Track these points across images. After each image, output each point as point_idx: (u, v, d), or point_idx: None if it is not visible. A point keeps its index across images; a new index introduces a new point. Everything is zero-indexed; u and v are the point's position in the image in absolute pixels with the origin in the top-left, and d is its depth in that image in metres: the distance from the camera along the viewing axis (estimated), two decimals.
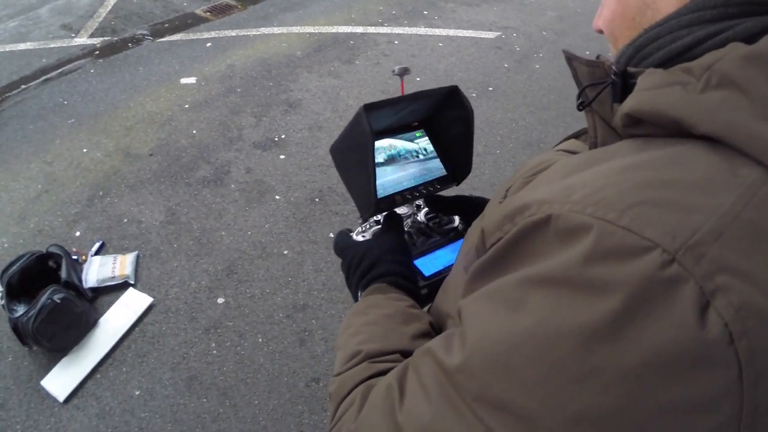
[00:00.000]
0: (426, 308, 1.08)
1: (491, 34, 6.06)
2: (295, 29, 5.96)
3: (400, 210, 1.27)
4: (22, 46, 5.66)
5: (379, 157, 1.19)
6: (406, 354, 0.83)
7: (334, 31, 5.98)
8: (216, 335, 2.97)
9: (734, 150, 0.52)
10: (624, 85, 0.67)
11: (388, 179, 1.18)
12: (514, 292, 0.56)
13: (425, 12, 6.50)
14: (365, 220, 1.22)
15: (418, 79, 5.15)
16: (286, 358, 2.88)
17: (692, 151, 0.54)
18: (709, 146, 0.53)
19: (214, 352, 2.90)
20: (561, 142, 1.00)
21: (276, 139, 4.34)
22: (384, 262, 1.05)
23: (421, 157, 1.25)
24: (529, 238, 0.57)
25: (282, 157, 4.16)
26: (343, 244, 1.14)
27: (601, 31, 0.78)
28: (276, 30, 5.94)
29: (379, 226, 1.20)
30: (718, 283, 0.46)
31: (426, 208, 1.30)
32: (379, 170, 1.16)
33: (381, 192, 1.15)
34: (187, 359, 2.87)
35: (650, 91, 0.58)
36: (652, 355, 0.46)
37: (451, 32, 6.09)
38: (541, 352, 0.51)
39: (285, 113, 4.63)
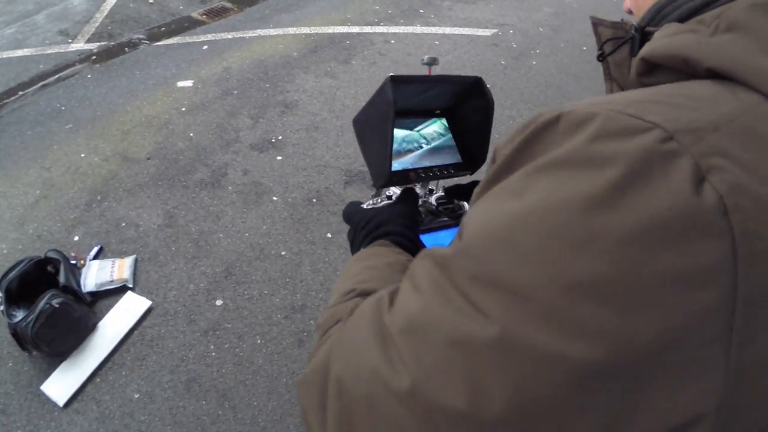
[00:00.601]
0: None
1: (487, 32, 6.06)
2: (291, 30, 5.96)
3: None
4: (19, 53, 5.67)
5: (400, 135, 1.22)
6: None
7: (330, 31, 5.98)
8: (215, 337, 2.98)
9: (736, 82, 0.56)
10: (642, 41, 0.74)
11: (406, 156, 1.22)
12: (519, 182, 0.56)
13: (421, 10, 6.51)
14: (377, 188, 1.25)
15: None
16: (285, 359, 2.88)
17: (700, 82, 0.59)
18: (714, 81, 0.58)
19: (213, 354, 2.91)
20: None
21: (273, 140, 4.34)
22: (392, 223, 1.07)
23: (439, 142, 1.28)
24: (538, 137, 0.58)
25: (279, 158, 4.16)
26: (352, 210, 1.16)
27: (630, 12, 0.84)
28: (272, 31, 5.95)
29: (390, 201, 1.22)
30: (714, 162, 0.48)
31: (438, 193, 1.33)
32: (397, 146, 1.20)
33: (397, 165, 1.18)
34: (186, 362, 2.87)
35: (665, 38, 0.64)
36: (648, 221, 0.47)
37: (448, 30, 6.09)
38: (540, 223, 0.51)
39: (282, 114, 4.64)
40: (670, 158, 0.48)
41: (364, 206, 1.21)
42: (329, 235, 3.52)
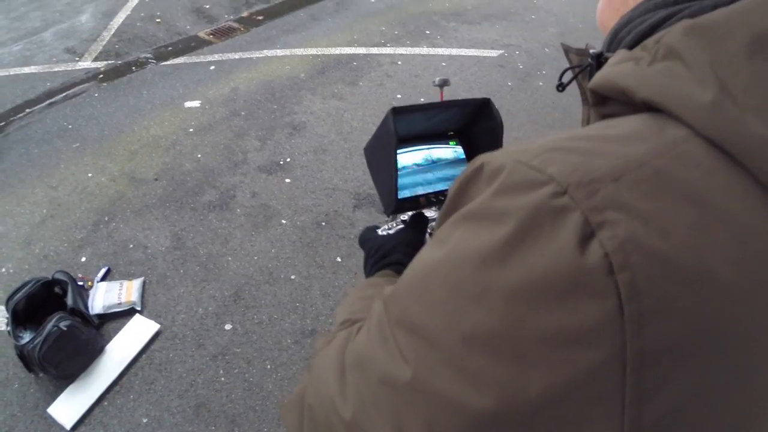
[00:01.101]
0: None
1: (494, 53, 6.07)
2: (299, 51, 5.97)
3: (429, 213, 1.33)
4: (26, 70, 5.69)
5: (410, 161, 1.25)
6: None
7: (337, 52, 5.99)
8: (224, 362, 2.95)
9: (667, 114, 0.54)
10: (599, 68, 0.72)
11: (417, 180, 1.25)
12: (445, 231, 0.58)
13: (427, 31, 6.52)
14: (388, 215, 1.27)
15: (422, 99, 5.15)
16: (295, 384, 2.85)
17: (632, 117, 0.57)
18: (649, 115, 0.56)
19: (222, 379, 2.88)
20: None
21: (281, 162, 4.33)
22: (396, 252, 1.13)
23: (452, 164, 1.30)
24: (468, 185, 0.60)
25: (287, 180, 4.15)
26: (366, 236, 1.23)
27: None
28: (279, 52, 5.96)
29: (403, 226, 1.26)
30: (607, 217, 0.46)
31: None
32: (408, 171, 1.23)
33: (406, 192, 1.22)
34: (194, 386, 2.84)
35: (608, 67, 0.62)
36: (533, 279, 0.47)
37: (454, 51, 6.10)
38: (447, 276, 0.54)
39: (290, 136, 4.63)
40: (559, 214, 0.48)
41: (379, 231, 1.25)
42: (339, 259, 3.50)
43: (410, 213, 1.28)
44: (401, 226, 1.25)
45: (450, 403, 0.51)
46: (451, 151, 1.31)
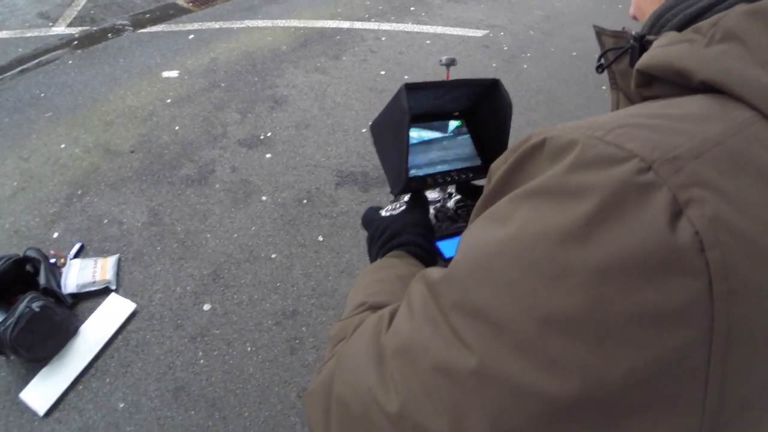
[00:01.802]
0: None
1: (479, 32, 5.98)
2: (281, 23, 5.84)
3: (432, 194, 1.36)
4: None
5: (417, 140, 1.23)
6: None
7: (320, 25, 5.87)
8: (203, 344, 2.86)
9: (729, 96, 0.54)
10: (642, 50, 0.72)
11: (423, 161, 1.23)
12: (505, 208, 0.57)
13: (412, 8, 6.42)
14: (395, 196, 1.24)
15: (406, 77, 5.07)
16: (276, 367, 2.78)
17: (691, 98, 0.57)
18: (708, 96, 0.56)
19: (202, 361, 2.79)
20: None
21: (262, 137, 4.22)
22: (406, 233, 1.10)
23: (458, 145, 1.29)
24: (526, 162, 0.59)
25: (268, 156, 4.05)
26: (369, 217, 1.20)
27: (636, 18, 0.83)
28: (261, 23, 5.82)
29: (406, 207, 1.23)
30: (693, 194, 0.46)
31: (457, 196, 1.38)
32: (415, 151, 1.21)
33: (414, 171, 1.20)
34: (173, 369, 2.76)
35: (660, 48, 0.62)
36: (621, 257, 0.46)
37: (439, 29, 6.01)
38: (518, 255, 0.52)
39: (271, 110, 4.52)
40: (646, 191, 0.47)
41: (383, 212, 1.22)
42: (320, 239, 3.42)
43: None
44: (404, 207, 1.21)
45: (523, 390, 0.49)
46: (458, 131, 1.29)
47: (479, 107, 1.27)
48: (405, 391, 0.57)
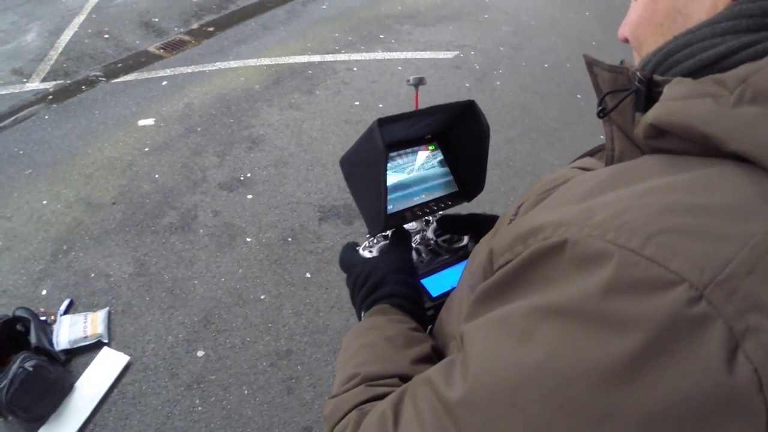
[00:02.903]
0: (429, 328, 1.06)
1: (449, 54, 6.06)
2: (252, 62, 5.89)
3: (409, 225, 1.27)
4: None
5: (391, 171, 1.16)
6: (405, 378, 0.79)
7: (291, 61, 5.92)
8: (199, 390, 2.88)
9: (766, 172, 0.48)
10: (648, 93, 0.63)
11: (399, 194, 1.17)
12: (523, 321, 0.52)
13: (381, 36, 6.49)
14: (373, 236, 1.19)
15: (380, 105, 5.13)
16: (275, 408, 2.80)
17: (721, 173, 0.50)
18: (739, 167, 0.50)
19: (199, 408, 2.81)
20: (575, 160, 0.96)
21: (242, 178, 4.26)
22: (388, 282, 1.02)
23: (433, 171, 1.23)
24: (541, 263, 0.53)
25: (249, 196, 4.08)
26: (348, 260, 1.13)
27: (626, 40, 0.74)
28: (232, 64, 5.86)
29: (387, 242, 1.19)
30: (750, 322, 0.42)
31: (433, 225, 1.29)
32: (389, 184, 1.14)
33: (390, 208, 1.14)
34: (171, 418, 2.77)
35: (678, 101, 0.55)
36: (674, 401, 0.42)
37: (409, 55, 6.08)
38: (550, 391, 0.47)
39: (248, 150, 4.56)
40: (699, 325, 0.42)
41: (360, 250, 1.17)
42: (308, 275, 3.45)
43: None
44: (383, 241, 1.19)
45: None
46: (431, 157, 1.24)
47: (454, 130, 1.23)
48: None
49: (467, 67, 5.83)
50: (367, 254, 1.16)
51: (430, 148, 1.24)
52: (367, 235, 1.21)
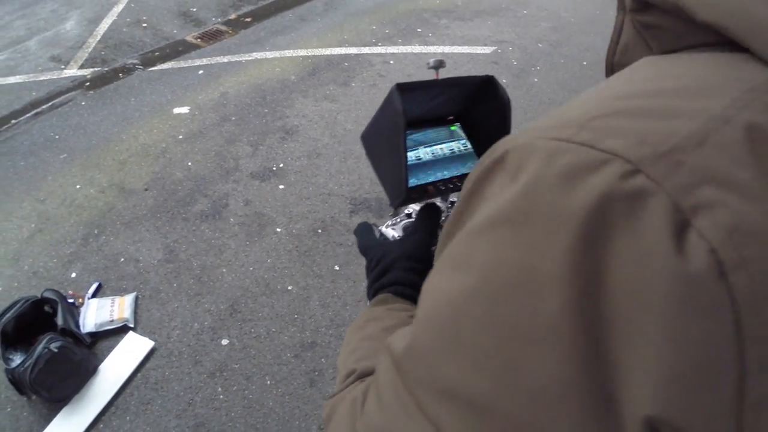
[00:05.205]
0: None
1: (487, 49, 5.98)
2: (288, 53, 5.87)
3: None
4: (11, 80, 5.58)
5: (413, 147, 1.12)
6: None
7: (327, 53, 5.89)
8: (222, 379, 2.85)
9: (741, 48, 0.42)
10: None
11: (422, 169, 1.11)
12: (461, 247, 0.46)
13: (419, 29, 6.43)
14: (395, 208, 1.14)
15: None
16: (296, 400, 2.76)
17: (692, 56, 0.45)
18: (717, 49, 0.44)
19: (221, 396, 2.78)
20: None
21: (274, 168, 4.23)
22: (395, 269, 0.96)
23: (456, 150, 1.18)
24: (485, 182, 0.46)
25: (281, 187, 4.06)
26: (365, 243, 1.07)
27: None
28: (268, 54, 5.86)
29: (410, 220, 1.14)
30: (702, 197, 0.35)
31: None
32: (412, 159, 1.10)
33: (413, 181, 1.07)
34: (193, 405, 2.75)
35: None
36: (625, 298, 0.35)
37: (447, 49, 6.01)
38: (490, 313, 0.41)
39: (282, 141, 4.53)
40: (636, 201, 0.35)
41: (383, 228, 1.14)
42: (337, 268, 3.41)
43: (415, 206, 1.15)
44: (407, 220, 1.13)
45: None
46: (455, 135, 1.19)
47: (475, 108, 1.17)
48: None
49: (505, 63, 5.74)
50: (390, 232, 1.12)
51: (452, 128, 1.20)
52: (390, 214, 1.17)
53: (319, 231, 3.68)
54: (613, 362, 0.36)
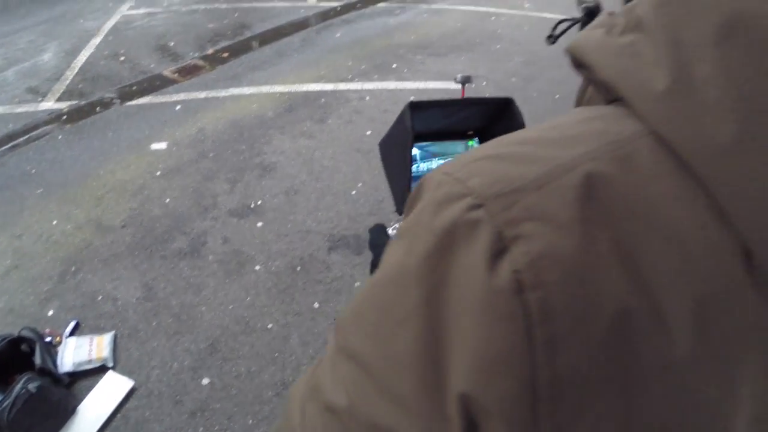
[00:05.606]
0: None
1: (468, 85, 6.07)
2: (265, 89, 5.93)
3: None
4: None
5: (427, 158, 1.24)
6: None
7: (304, 89, 5.96)
8: (203, 419, 2.85)
9: (627, 104, 0.48)
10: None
11: None
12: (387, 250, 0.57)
13: (394, 65, 6.53)
14: (400, 214, 1.21)
15: None
16: None
17: (594, 109, 0.52)
18: (614, 105, 0.51)
19: None
20: None
21: (252, 205, 4.26)
22: None
23: None
24: (414, 201, 0.55)
25: (259, 224, 4.08)
26: (374, 241, 1.20)
27: None
28: (246, 90, 5.91)
29: None
30: (523, 230, 0.43)
31: None
32: (423, 170, 1.22)
33: None
34: None
35: (587, 30, 0.56)
36: (450, 300, 0.45)
37: (421, 84, 6.11)
38: (376, 298, 0.53)
39: (260, 178, 4.57)
40: (472, 230, 0.44)
41: (389, 230, 1.23)
42: (316, 305, 3.43)
43: None
44: None
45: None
46: (468, 150, 1.25)
47: (493, 126, 1.25)
48: (304, 428, 0.59)
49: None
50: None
51: (470, 142, 1.31)
52: (397, 218, 1.27)
53: (298, 268, 3.71)
54: (445, 346, 0.45)
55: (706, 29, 0.44)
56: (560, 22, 0.67)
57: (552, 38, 0.71)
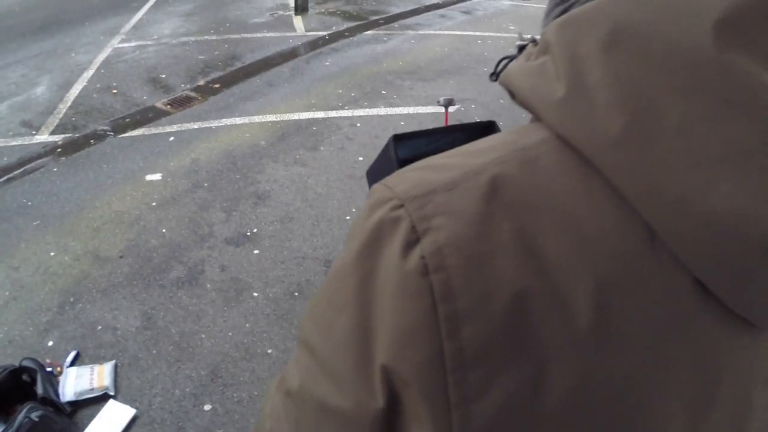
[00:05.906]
0: None
1: (451, 108, 6.15)
2: (257, 118, 6.00)
3: None
4: None
5: None
6: None
7: (295, 117, 6.04)
8: None
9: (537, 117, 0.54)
10: None
11: None
12: None
13: (383, 91, 6.63)
14: None
15: None
16: None
17: (521, 127, 0.57)
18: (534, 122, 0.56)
19: None
20: None
21: (248, 233, 4.32)
22: None
23: None
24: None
25: (256, 252, 4.13)
26: None
27: None
28: (238, 120, 5.98)
29: None
30: (433, 224, 0.49)
31: None
32: None
33: None
34: None
35: (514, 61, 0.63)
36: (374, 286, 0.52)
37: (411, 110, 6.21)
38: (325, 291, 0.59)
39: (255, 206, 4.63)
40: (394, 225, 0.51)
41: None
42: None
43: None
44: None
45: (330, 409, 0.56)
46: None
47: None
48: (274, 418, 0.65)
49: (468, 120, 5.86)
50: None
51: None
52: None
53: (296, 294, 3.75)
54: (372, 326, 0.52)
55: (596, 40, 0.49)
56: (501, 60, 0.71)
57: (494, 75, 0.76)
